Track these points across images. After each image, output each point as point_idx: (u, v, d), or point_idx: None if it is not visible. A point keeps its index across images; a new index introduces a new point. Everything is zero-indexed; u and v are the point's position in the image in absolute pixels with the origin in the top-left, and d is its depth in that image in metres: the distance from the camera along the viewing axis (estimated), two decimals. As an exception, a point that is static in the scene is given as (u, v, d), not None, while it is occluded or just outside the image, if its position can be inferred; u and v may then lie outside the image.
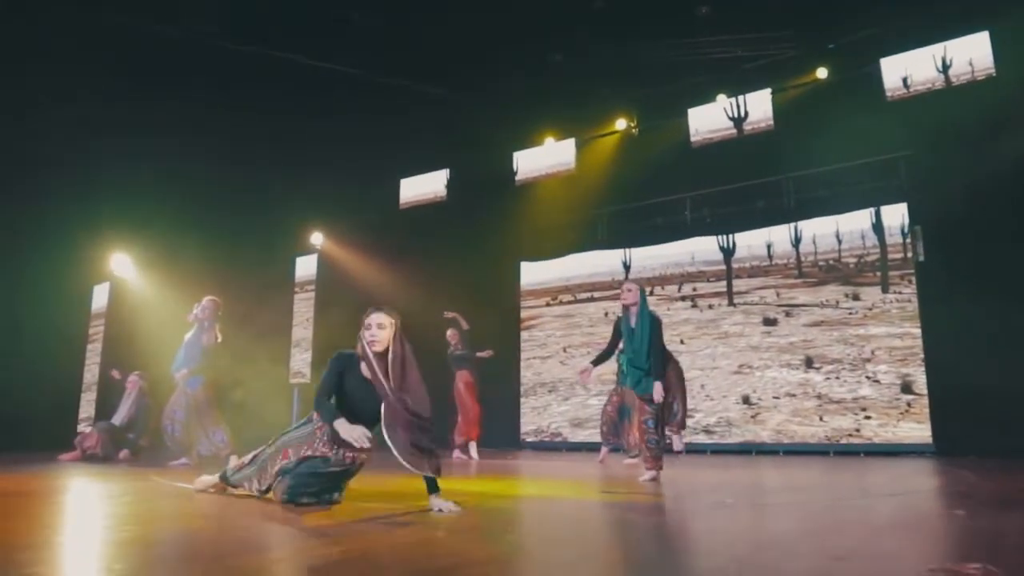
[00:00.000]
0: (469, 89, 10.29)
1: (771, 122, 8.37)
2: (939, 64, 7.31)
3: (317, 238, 11.50)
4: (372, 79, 10.30)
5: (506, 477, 5.92)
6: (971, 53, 7.19)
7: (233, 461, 6.28)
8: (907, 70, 7.51)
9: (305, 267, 11.48)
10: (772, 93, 8.41)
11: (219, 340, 6.70)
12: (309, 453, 3.56)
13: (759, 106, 8.45)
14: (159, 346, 8.85)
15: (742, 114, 8.51)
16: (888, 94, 7.60)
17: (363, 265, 10.65)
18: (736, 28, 9.22)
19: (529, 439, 10.90)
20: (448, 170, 10.91)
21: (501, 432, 10.44)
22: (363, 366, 3.50)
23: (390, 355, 3.47)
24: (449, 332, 8.63)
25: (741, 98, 8.57)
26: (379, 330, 3.49)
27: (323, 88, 10.21)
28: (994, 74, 7.07)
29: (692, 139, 8.92)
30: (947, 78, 7.29)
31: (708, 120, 8.89)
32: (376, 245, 10.96)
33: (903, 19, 7.40)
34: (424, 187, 11.09)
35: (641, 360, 5.19)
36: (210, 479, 4.16)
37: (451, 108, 10.36)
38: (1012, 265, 7.69)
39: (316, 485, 3.41)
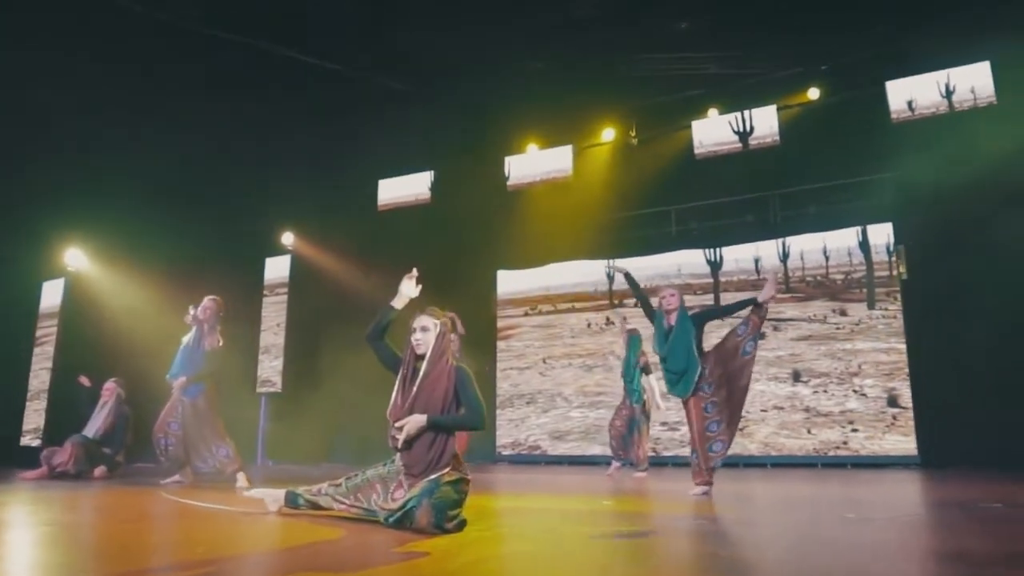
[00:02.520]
0: (456, 92, 10.01)
1: (777, 137, 8.49)
2: (943, 90, 7.61)
3: (288, 238, 10.89)
4: (349, 74, 9.87)
5: (550, 493, 5.66)
6: (973, 81, 7.52)
7: (241, 479, 5.79)
8: (912, 94, 7.78)
9: (276, 269, 10.83)
10: (778, 110, 8.54)
11: (221, 344, 6.13)
12: (399, 493, 3.27)
13: (765, 121, 8.56)
14: (129, 349, 8.12)
15: (748, 128, 8.59)
16: (893, 116, 7.85)
17: (340, 268, 10.13)
18: (715, 46, 9.37)
19: (505, 452, 10.64)
20: (432, 172, 10.55)
21: (475, 444, 10.12)
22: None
23: (424, 362, 3.36)
24: None
25: (747, 113, 8.65)
26: (423, 333, 3.43)
27: (297, 81, 9.70)
28: (995, 102, 7.40)
29: (696, 151, 8.95)
30: (950, 104, 7.59)
31: (714, 133, 8.94)
32: (352, 247, 10.47)
33: (905, 45, 7.68)
34: (405, 189, 10.68)
35: (676, 362, 5.08)
36: (275, 493, 3.73)
37: (435, 109, 10.04)
38: (992, 284, 8.05)
39: (453, 509, 3.09)
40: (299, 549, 2.70)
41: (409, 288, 3.64)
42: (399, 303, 3.62)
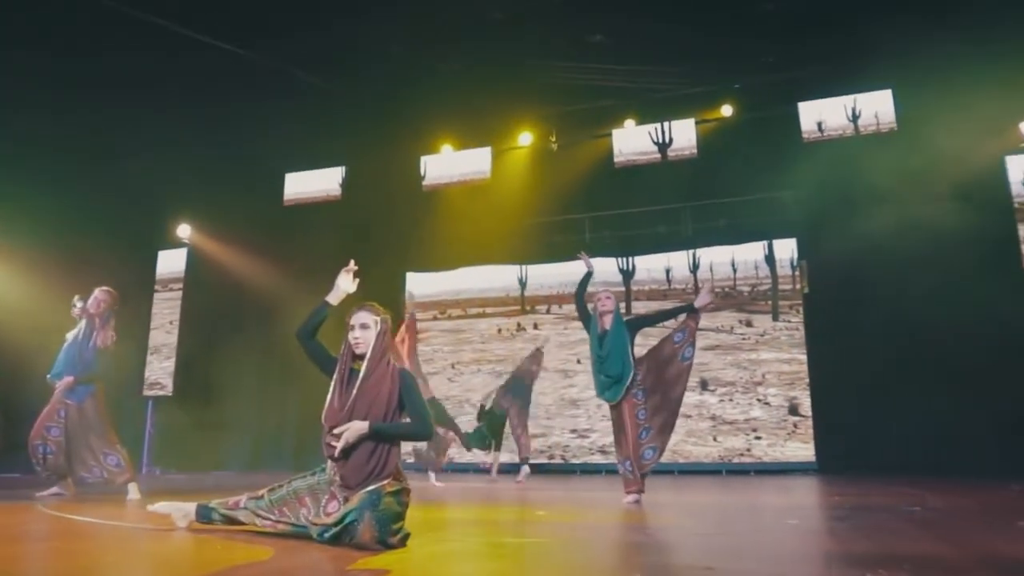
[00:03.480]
0: (372, 87, 9.63)
1: (695, 150, 8.64)
2: (849, 113, 7.97)
3: (184, 230, 10.12)
4: (258, 63, 9.32)
5: (475, 502, 5.43)
6: (878, 106, 7.92)
7: (133, 490, 5.22)
8: (822, 115, 8.11)
9: (170, 263, 10.02)
10: (696, 123, 8.70)
11: (115, 341, 5.55)
12: (333, 505, 2.98)
13: (684, 134, 8.69)
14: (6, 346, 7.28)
15: (667, 140, 8.70)
16: (804, 135, 8.15)
17: (240, 264, 9.50)
18: (628, 60, 9.49)
19: (409, 460, 10.29)
20: (344, 168, 10.10)
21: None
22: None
23: (365, 362, 3.09)
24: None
25: (667, 124, 8.77)
26: (362, 331, 3.15)
27: (197, 62, 9.04)
28: (896, 128, 7.82)
29: (615, 160, 8.99)
30: (856, 127, 7.96)
31: (634, 143, 8.99)
32: (255, 242, 9.86)
33: (814, 69, 8.00)
34: (314, 184, 10.17)
35: (613, 366, 5.05)
36: (184, 507, 3.33)
37: (349, 104, 9.63)
38: (886, 299, 8.50)
39: (396, 522, 2.82)
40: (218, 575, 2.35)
41: (346, 283, 3.37)
42: (334, 298, 3.34)
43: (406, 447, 9.72)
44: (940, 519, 3.81)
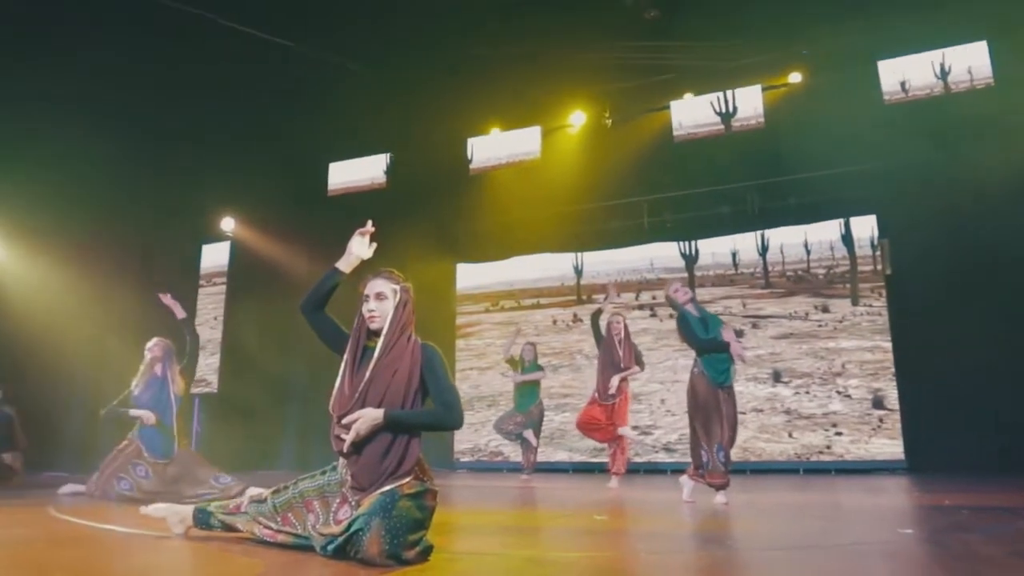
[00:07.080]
0: (415, 71, 9.22)
1: (761, 119, 7.90)
2: (937, 70, 7.13)
3: (228, 224, 9.91)
4: (298, 51, 9.01)
5: (526, 506, 4.91)
6: (970, 61, 7.05)
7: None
8: (905, 74, 7.28)
9: (214, 257, 9.82)
10: (762, 90, 7.95)
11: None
12: (344, 511, 2.49)
13: (750, 102, 7.95)
14: (40, 340, 7.10)
15: (731, 110, 7.99)
16: (886, 97, 7.33)
17: (285, 257, 9.22)
18: (685, 34, 8.79)
19: (464, 459, 9.86)
20: (389, 154, 9.72)
21: (431, 450, 9.30)
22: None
23: (380, 339, 2.59)
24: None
25: (730, 93, 8.05)
26: (378, 302, 2.66)
27: (239, 52, 8.78)
28: (992, 83, 6.95)
29: (675, 133, 8.31)
30: (946, 84, 7.11)
31: (695, 114, 8.29)
32: (299, 235, 9.57)
33: (900, 22, 7.17)
34: (359, 172, 9.83)
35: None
36: (181, 510, 2.92)
37: (392, 89, 9.24)
38: (981, 279, 7.62)
39: (414, 532, 2.32)
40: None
41: (360, 247, 2.88)
42: (346, 265, 2.86)
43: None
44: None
